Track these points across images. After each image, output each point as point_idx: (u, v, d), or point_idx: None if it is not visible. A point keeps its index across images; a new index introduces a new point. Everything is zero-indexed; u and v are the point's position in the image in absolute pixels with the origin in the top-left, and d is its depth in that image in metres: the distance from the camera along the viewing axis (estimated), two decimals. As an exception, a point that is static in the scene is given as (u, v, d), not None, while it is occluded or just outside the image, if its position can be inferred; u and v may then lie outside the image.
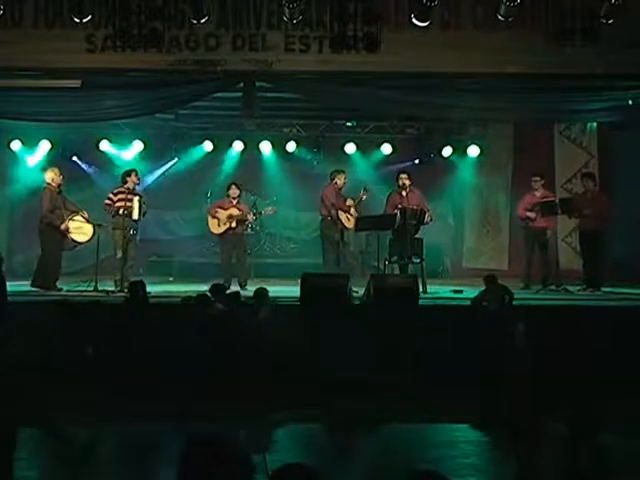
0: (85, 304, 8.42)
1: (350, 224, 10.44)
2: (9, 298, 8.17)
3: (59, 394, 6.65)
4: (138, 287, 8.00)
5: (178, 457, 2.72)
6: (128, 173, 10.22)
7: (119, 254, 9.83)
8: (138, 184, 10.20)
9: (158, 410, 6.42)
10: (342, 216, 10.43)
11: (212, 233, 10.95)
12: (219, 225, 10.63)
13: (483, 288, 8.36)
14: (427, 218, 10.21)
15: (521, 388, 6.35)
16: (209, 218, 10.75)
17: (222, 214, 10.59)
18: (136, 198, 9.98)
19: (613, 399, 6.89)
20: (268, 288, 8.25)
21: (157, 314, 7.89)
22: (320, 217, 10.64)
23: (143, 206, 10.07)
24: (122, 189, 10.04)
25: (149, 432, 6.24)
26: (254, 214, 10.96)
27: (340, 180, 10.51)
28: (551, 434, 5.48)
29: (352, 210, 10.40)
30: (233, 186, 10.76)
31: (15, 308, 7.94)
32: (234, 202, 10.69)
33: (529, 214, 10.57)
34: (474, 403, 6.69)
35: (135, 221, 9.95)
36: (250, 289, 9.57)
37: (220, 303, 7.87)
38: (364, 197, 10.44)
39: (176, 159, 12.71)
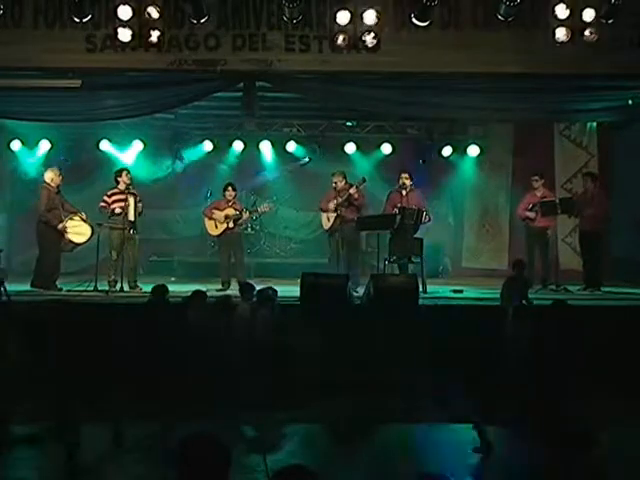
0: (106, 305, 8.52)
1: (327, 225, 10.43)
2: (10, 298, 8.19)
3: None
4: (162, 290, 7.93)
5: (176, 456, 2.73)
6: (119, 173, 10.22)
7: (114, 255, 9.84)
8: (129, 183, 10.15)
9: (157, 410, 6.42)
10: (322, 218, 10.53)
11: (210, 235, 10.95)
12: (216, 226, 10.61)
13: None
14: (425, 218, 10.17)
15: (521, 388, 6.35)
16: (205, 220, 10.73)
17: (218, 215, 10.57)
18: (131, 198, 9.98)
19: (613, 398, 6.91)
20: (265, 287, 8.24)
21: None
22: None
23: (139, 205, 10.07)
24: (116, 190, 10.06)
25: (149, 432, 6.24)
26: (250, 212, 10.94)
27: (333, 182, 10.50)
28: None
29: (331, 211, 10.33)
30: (229, 187, 10.73)
31: (15, 308, 7.96)
32: (230, 203, 10.67)
33: (528, 214, 10.57)
34: (474, 403, 6.69)
35: (132, 222, 9.95)
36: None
37: (247, 303, 7.87)
38: (352, 191, 10.19)
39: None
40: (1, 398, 6.48)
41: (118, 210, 9.87)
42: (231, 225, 10.53)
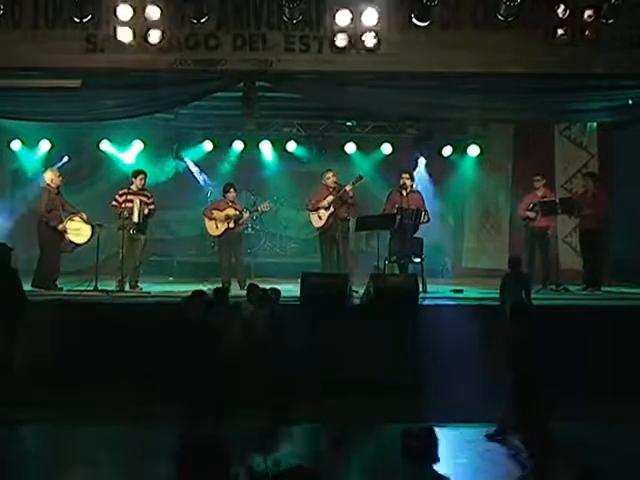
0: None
1: (319, 223, 10.45)
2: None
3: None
4: (225, 293, 7.86)
5: (176, 457, 2.74)
6: (135, 174, 10.27)
7: (120, 255, 9.87)
8: (141, 187, 10.17)
9: (158, 412, 6.42)
10: (312, 216, 10.53)
11: (210, 235, 10.95)
12: (217, 227, 10.59)
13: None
14: (424, 218, 10.16)
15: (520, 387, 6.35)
16: (206, 220, 10.71)
17: (219, 215, 10.56)
18: (137, 200, 9.98)
19: (613, 399, 6.92)
20: (268, 288, 8.23)
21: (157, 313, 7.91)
22: None
23: (144, 207, 10.06)
24: (127, 190, 10.08)
25: (148, 433, 6.25)
26: (250, 212, 10.93)
27: (324, 179, 10.51)
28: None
29: (323, 209, 10.36)
30: (230, 187, 10.74)
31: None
32: (230, 203, 10.66)
33: (529, 214, 10.56)
34: (474, 403, 6.71)
35: (136, 223, 9.95)
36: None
37: (252, 304, 7.84)
38: (348, 188, 10.25)
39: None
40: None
41: (124, 212, 9.89)
42: (232, 225, 10.52)
